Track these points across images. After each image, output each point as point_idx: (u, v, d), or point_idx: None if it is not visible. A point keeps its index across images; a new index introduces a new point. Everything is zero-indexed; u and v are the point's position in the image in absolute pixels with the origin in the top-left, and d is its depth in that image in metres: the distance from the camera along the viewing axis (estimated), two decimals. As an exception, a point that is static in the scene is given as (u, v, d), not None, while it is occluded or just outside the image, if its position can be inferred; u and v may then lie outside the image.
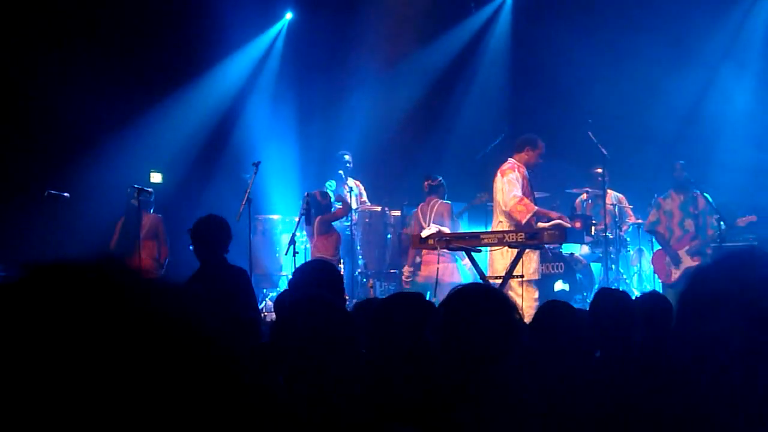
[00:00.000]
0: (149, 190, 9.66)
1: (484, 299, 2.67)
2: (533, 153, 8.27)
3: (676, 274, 9.03)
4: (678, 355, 2.85)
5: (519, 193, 7.97)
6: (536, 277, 8.07)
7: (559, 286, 10.03)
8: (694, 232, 9.01)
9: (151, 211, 9.73)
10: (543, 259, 8.73)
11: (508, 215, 8.00)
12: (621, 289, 8.26)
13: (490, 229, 8.35)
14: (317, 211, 9.75)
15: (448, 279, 9.13)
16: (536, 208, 7.98)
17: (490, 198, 8.76)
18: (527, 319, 6.10)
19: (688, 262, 8.95)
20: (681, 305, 2.12)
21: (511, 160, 8.31)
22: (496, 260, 8.01)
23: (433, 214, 9.61)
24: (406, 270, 9.96)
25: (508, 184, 8.03)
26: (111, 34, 10.88)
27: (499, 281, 7.41)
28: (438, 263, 9.17)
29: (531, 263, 7.97)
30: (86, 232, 10.03)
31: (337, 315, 2.70)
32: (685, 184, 9.13)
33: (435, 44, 12.78)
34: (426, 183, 9.94)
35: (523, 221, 7.87)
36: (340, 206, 9.97)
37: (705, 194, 9.05)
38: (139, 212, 9.34)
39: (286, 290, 5.31)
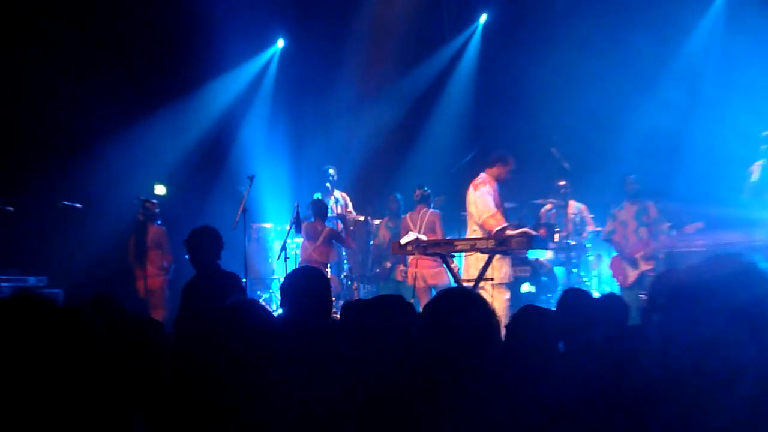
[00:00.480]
0: (154, 201, 9.71)
1: (470, 303, 2.72)
2: (504, 168, 8.19)
3: (631, 278, 9.12)
4: (637, 347, 2.90)
5: (494, 207, 7.92)
6: (509, 281, 8.06)
7: (526, 288, 10.11)
8: (648, 238, 9.11)
9: (159, 222, 9.76)
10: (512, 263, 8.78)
11: (480, 225, 8.01)
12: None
13: (465, 237, 8.36)
14: (323, 218, 10.00)
15: (437, 282, 9.39)
16: (506, 223, 7.95)
17: (462, 207, 8.74)
18: (502, 319, 6.15)
19: (643, 267, 9.05)
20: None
21: (482, 174, 8.23)
22: (471, 265, 8.00)
23: (425, 222, 9.59)
24: (401, 267, 10.03)
25: (481, 197, 7.98)
26: (119, 55, 10.90)
27: (472, 284, 7.42)
28: (416, 267, 9.22)
29: (504, 267, 7.96)
30: (96, 242, 10.04)
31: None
32: (637, 195, 9.25)
33: (414, 70, 12.91)
34: (418, 192, 9.81)
35: (493, 232, 7.88)
36: (343, 229, 10.29)
37: (656, 204, 9.17)
38: (145, 225, 9.50)
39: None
